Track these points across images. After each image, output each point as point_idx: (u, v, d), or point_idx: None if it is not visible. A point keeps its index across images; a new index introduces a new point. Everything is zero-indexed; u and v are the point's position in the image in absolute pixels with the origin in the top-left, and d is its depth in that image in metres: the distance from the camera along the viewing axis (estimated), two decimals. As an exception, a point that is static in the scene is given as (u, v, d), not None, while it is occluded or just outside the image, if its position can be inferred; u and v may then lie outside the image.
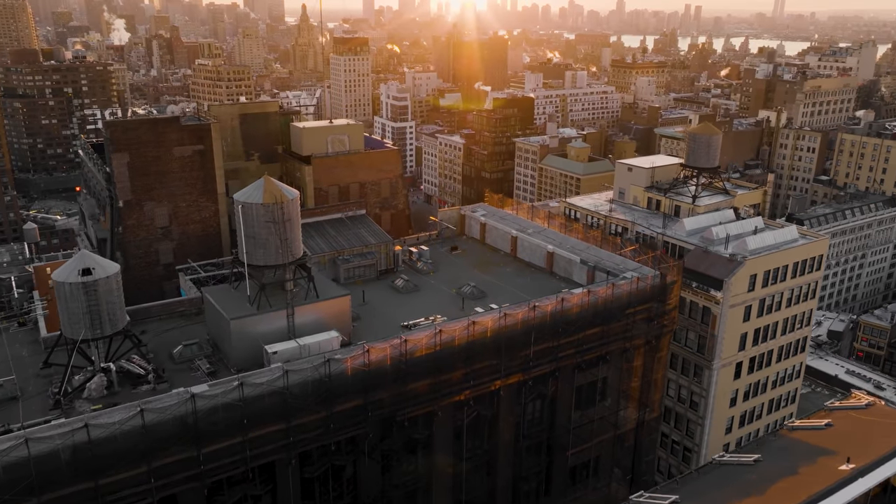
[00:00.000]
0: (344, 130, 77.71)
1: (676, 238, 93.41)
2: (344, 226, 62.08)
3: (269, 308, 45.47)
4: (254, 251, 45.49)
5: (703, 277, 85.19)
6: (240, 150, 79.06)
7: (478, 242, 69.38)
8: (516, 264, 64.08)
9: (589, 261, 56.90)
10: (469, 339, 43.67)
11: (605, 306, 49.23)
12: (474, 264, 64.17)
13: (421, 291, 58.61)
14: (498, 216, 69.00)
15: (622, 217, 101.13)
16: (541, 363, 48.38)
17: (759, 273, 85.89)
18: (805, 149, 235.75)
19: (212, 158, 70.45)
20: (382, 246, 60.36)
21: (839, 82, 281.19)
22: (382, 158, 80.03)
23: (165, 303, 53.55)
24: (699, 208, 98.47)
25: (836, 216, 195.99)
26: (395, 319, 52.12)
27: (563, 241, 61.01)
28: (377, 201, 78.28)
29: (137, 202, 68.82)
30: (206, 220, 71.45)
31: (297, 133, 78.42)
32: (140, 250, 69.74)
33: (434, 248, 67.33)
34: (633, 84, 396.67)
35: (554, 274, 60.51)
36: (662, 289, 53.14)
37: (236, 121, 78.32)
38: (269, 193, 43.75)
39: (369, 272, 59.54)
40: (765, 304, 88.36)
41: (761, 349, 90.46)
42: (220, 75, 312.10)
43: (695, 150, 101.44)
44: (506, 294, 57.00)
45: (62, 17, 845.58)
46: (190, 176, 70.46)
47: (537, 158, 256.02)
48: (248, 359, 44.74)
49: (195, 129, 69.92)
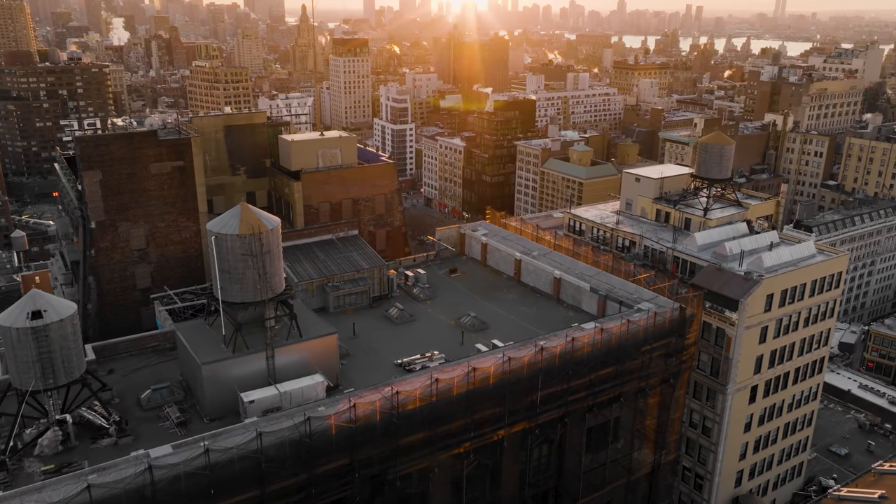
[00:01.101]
0: (336, 143, 72.65)
1: (687, 253, 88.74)
2: (334, 248, 57.42)
3: (245, 350, 40.82)
4: (229, 287, 40.82)
5: (717, 297, 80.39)
6: (225, 164, 74.00)
7: (479, 264, 64.73)
8: (520, 289, 59.41)
9: (600, 289, 52.20)
10: (469, 388, 38.95)
11: (620, 344, 44.57)
12: (475, 289, 59.49)
13: (417, 322, 53.94)
14: (500, 236, 64.26)
15: (630, 230, 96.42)
16: (549, 408, 43.71)
17: (776, 292, 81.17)
18: (812, 153, 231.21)
19: (192, 175, 65.46)
20: (376, 270, 55.68)
21: (845, 84, 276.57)
22: (377, 173, 74.96)
23: (136, 338, 48.85)
24: (711, 222, 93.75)
25: (845, 223, 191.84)
26: (389, 356, 47.46)
27: (571, 266, 56.31)
28: (371, 218, 73.40)
29: (111, 223, 63.86)
30: (186, 241, 66.51)
31: (286, 147, 73.46)
32: (115, 274, 64.82)
33: (432, 270, 62.68)
34: (635, 86, 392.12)
35: (561, 301, 55.83)
36: (682, 322, 48.47)
37: (221, 133, 73.29)
38: (245, 223, 39.07)
39: (361, 300, 54.87)
40: (781, 324, 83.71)
41: (777, 371, 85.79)
42: (218, 77, 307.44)
43: (706, 161, 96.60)
44: (509, 325, 52.33)
45: (61, 17, 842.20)
46: (168, 194, 65.52)
47: (539, 162, 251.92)
48: (222, 406, 40.12)
49: (174, 144, 64.94)
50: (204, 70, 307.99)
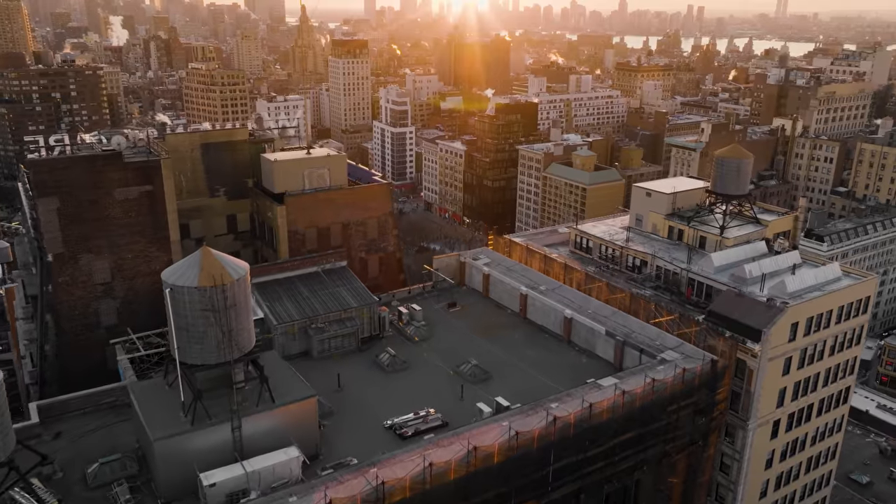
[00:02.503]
0: (324, 163, 66.40)
1: (703, 276, 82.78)
2: (320, 283, 51.53)
3: (207, 421, 34.89)
4: (188, 346, 34.91)
5: (737, 326, 74.17)
6: (202, 184, 67.66)
7: (480, 296, 58.76)
8: (526, 328, 53.47)
9: (616, 332, 46.26)
10: (469, 471, 32.98)
11: (643, 406, 38.70)
12: (476, 327, 53.56)
13: (411, 369, 47.99)
14: (504, 266, 58.30)
15: (641, 249, 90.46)
16: (562, 483, 37.81)
17: (801, 321, 75.13)
18: (822, 159, 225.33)
19: (163, 200, 59.24)
20: (365, 309, 49.77)
21: (854, 88, 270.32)
22: (369, 194, 68.55)
23: (89, 393, 42.91)
24: (728, 241, 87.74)
25: (857, 231, 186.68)
26: (378, 414, 41.51)
27: (583, 304, 50.36)
28: (363, 243, 67.20)
29: (71, 255, 57.73)
30: (157, 272, 59.44)
31: (269, 167, 66.66)
32: (76, 312, 58.72)
33: (428, 303, 56.69)
34: (638, 88, 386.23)
35: (572, 344, 49.91)
36: (713, 377, 42.54)
37: (198, 151, 66.85)
38: (206, 274, 33.14)
39: (349, 342, 48.95)
40: (806, 353, 77.74)
41: (801, 404, 79.75)
42: (214, 80, 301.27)
43: (723, 176, 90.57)
44: (515, 375, 46.41)
45: (60, 17, 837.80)
46: (136, 222, 59.29)
47: (541, 167, 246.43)
48: (179, 487, 34.24)
49: (141, 168, 58.57)
50: (200, 72, 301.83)
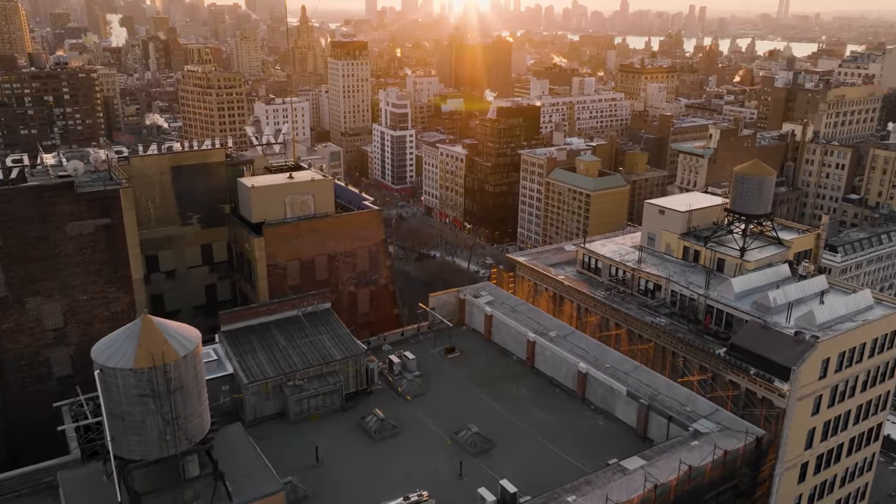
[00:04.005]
0: (308, 188, 59.06)
1: (723, 303, 76.56)
2: (299, 329, 45.20)
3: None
4: (124, 438, 28.66)
5: (763, 362, 67.80)
6: (173, 211, 60.75)
7: (481, 338, 52.42)
8: (534, 380, 47.16)
9: (640, 394, 39.93)
10: None
11: (677, 498, 32.46)
12: (477, 378, 47.29)
13: (402, 436, 41.67)
14: (508, 306, 51.92)
15: (654, 272, 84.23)
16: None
17: (832, 356, 68.97)
18: (833, 165, 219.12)
19: (123, 234, 52.69)
20: (351, 361, 43.35)
21: (864, 91, 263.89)
22: (359, 222, 60.96)
23: (25, 472, 36.55)
24: (749, 264, 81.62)
25: (871, 241, 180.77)
26: (360, 498, 35.10)
27: (599, 356, 44.03)
28: (352, 276, 60.35)
29: (16, 299, 51.09)
30: (117, 315, 53.28)
31: (245, 193, 59.41)
32: (22, 361, 52.10)
33: (424, 347, 50.34)
34: (642, 90, 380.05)
35: (587, 402, 43.55)
36: (757, 454, 36.29)
37: (168, 175, 59.57)
38: (144, 351, 26.86)
39: (331, 401, 42.58)
40: (837, 390, 71.55)
41: (830, 444, 73.56)
42: (210, 82, 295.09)
43: (743, 194, 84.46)
44: (522, 443, 40.13)
45: (60, 18, 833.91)
46: (92, 259, 52.56)
47: (544, 172, 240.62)
48: None
49: (97, 199, 52.18)
50: (196, 75, 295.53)
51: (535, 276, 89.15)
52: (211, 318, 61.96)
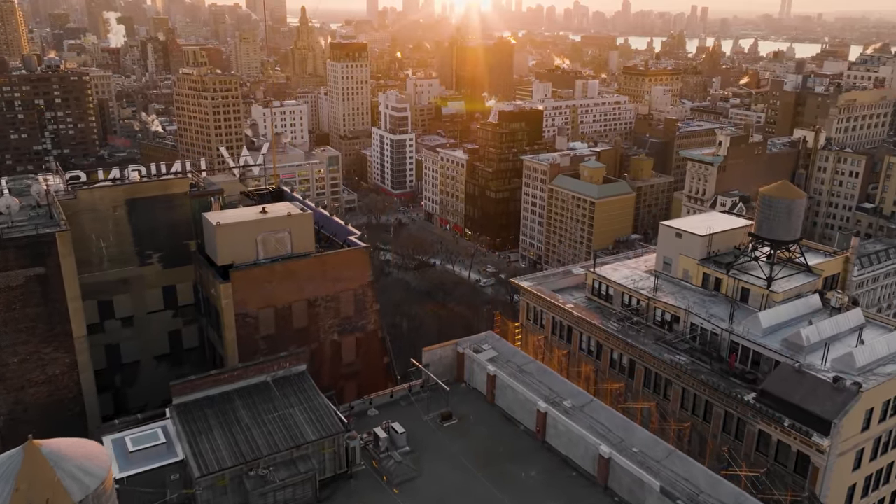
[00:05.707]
0: (283, 224, 49.59)
1: (750, 339, 69.46)
2: (267, 402, 38.04)
3: None
4: None
5: (799, 412, 60.63)
6: (130, 250, 52.29)
7: (483, 401, 45.20)
8: (545, 459, 39.88)
9: (677, 492, 32.72)
10: None
11: None
12: (478, 455, 40.08)
13: (387, 537, 34.55)
14: (514, 364, 44.73)
15: (672, 302, 77.18)
16: None
17: (876, 406, 61.93)
18: (847, 173, 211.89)
19: (61, 285, 45.28)
20: (327, 443, 36.17)
21: (876, 95, 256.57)
22: (343, 262, 51.81)
23: None
24: (776, 295, 74.38)
25: (888, 254, 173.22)
26: None
27: (625, 435, 36.79)
28: (335, 323, 52.43)
29: (-69, 364, 44.06)
30: (55, 379, 45.58)
31: (210, 231, 50.36)
32: (-59, 436, 45.23)
33: (416, 412, 43.21)
34: (646, 93, 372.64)
35: (610, 492, 36.36)
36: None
37: (122, 209, 50.42)
38: (20, 496, 19.66)
39: (302, 492, 35.31)
40: (880, 442, 64.48)
41: (871, 500, 66.45)
42: (206, 86, 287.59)
43: (770, 218, 77.21)
44: (533, 551, 32.92)
45: (59, 18, 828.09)
46: (23, 316, 44.29)
47: (547, 178, 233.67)
48: None
49: (28, 246, 43.92)
50: (191, 78, 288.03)
51: (540, 304, 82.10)
52: (176, 367, 54.82)
